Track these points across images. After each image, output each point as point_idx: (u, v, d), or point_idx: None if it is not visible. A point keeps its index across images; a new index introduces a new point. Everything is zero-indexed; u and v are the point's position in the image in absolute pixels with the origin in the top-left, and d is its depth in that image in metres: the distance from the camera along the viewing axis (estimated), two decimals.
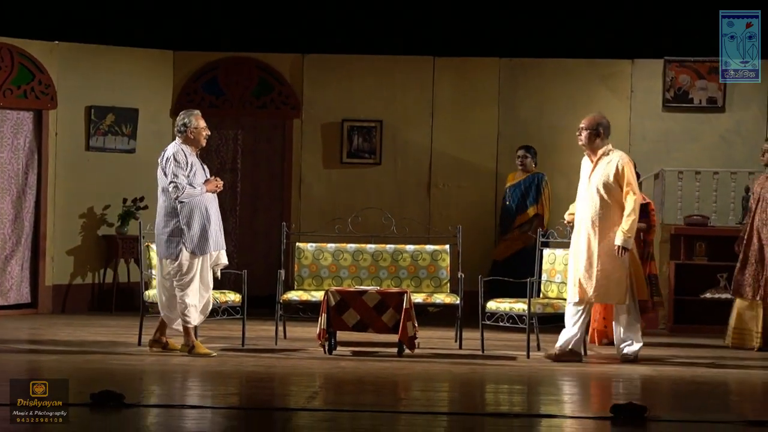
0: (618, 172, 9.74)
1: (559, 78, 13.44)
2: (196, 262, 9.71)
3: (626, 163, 9.81)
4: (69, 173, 12.97)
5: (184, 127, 9.84)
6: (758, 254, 10.77)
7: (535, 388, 8.75)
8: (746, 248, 10.86)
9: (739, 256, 10.90)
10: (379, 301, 9.90)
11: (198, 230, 9.68)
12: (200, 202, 9.74)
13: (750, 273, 10.81)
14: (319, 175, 13.58)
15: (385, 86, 13.57)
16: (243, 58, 13.60)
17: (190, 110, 10.01)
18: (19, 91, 12.61)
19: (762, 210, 10.79)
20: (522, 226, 12.69)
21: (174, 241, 9.70)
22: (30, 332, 11.31)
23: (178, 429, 6.83)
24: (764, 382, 9.29)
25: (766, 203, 10.77)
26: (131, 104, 13.29)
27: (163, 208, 9.79)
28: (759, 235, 10.78)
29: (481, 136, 13.24)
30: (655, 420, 7.15)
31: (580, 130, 9.95)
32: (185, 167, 9.70)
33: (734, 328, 10.90)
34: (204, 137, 9.90)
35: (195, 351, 9.73)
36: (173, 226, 9.71)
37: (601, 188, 9.76)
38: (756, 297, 10.77)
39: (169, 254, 9.73)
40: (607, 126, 9.95)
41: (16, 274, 12.64)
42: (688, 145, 13.21)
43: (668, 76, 13.28)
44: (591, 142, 9.90)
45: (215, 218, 9.82)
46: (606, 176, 9.77)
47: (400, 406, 7.97)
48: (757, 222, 10.82)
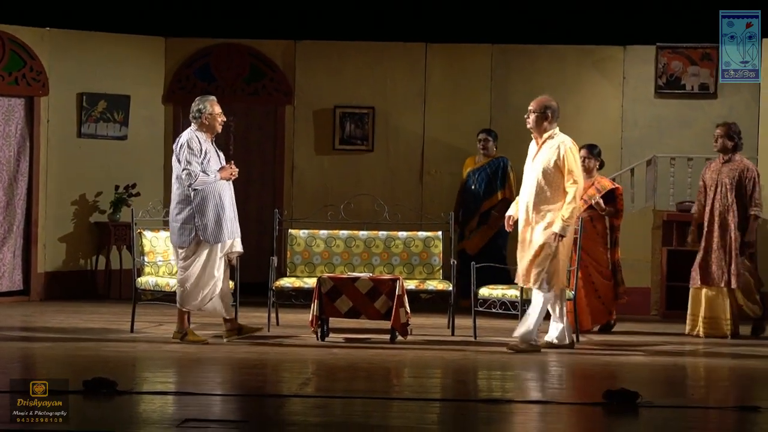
0: (560, 157, 9.53)
1: (551, 64, 13.43)
2: (207, 249, 9.69)
3: (569, 149, 9.57)
4: (61, 160, 12.95)
5: (198, 113, 9.79)
6: (720, 240, 10.67)
7: (528, 375, 8.76)
8: (708, 235, 10.72)
9: (701, 244, 10.76)
10: (372, 287, 9.90)
11: (212, 218, 9.63)
12: (214, 189, 9.68)
13: (714, 260, 10.70)
14: (311, 162, 13.57)
15: (377, 73, 13.55)
16: (235, 45, 13.58)
17: (206, 96, 9.93)
18: (10, 77, 12.58)
19: (722, 195, 10.69)
20: (489, 210, 12.53)
21: (187, 229, 9.66)
22: (22, 319, 11.30)
23: (171, 416, 6.83)
24: (755, 367, 9.31)
25: (725, 188, 10.67)
26: (123, 91, 13.27)
27: (176, 196, 9.75)
28: (721, 221, 10.69)
29: (474, 123, 13.21)
30: (648, 406, 7.17)
31: (529, 113, 9.73)
32: (199, 154, 9.65)
33: (705, 318, 10.73)
34: (219, 123, 9.83)
35: (187, 338, 9.73)
36: (186, 213, 9.66)
37: (540, 173, 9.55)
38: (722, 284, 10.67)
39: (182, 242, 9.69)
40: (556, 109, 9.72)
41: (8, 262, 12.63)
42: (680, 131, 13.22)
43: (660, 63, 13.28)
44: (538, 125, 9.67)
45: (229, 206, 9.75)
46: (548, 161, 9.55)
47: (392, 392, 7.98)
48: (717, 207, 10.70)
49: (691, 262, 10.86)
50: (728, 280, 10.66)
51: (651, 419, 6.95)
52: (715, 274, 10.71)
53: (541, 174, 9.56)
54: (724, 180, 10.72)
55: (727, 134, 10.77)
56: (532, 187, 9.61)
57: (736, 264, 10.64)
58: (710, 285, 10.74)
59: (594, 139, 11.74)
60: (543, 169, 9.56)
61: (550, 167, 9.55)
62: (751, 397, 7.98)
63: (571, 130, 11.98)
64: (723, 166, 10.79)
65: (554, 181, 9.54)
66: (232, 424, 6.47)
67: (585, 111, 13.29)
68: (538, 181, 9.57)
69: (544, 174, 9.55)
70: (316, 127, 13.58)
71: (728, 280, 10.66)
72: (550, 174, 9.55)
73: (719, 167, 10.80)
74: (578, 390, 8.46)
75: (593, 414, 7.13)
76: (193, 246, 9.67)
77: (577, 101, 13.34)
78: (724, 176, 10.73)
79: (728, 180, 10.70)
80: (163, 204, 12.64)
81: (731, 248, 10.65)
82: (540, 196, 9.56)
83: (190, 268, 9.68)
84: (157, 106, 13.50)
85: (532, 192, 9.59)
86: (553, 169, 9.54)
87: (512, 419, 6.94)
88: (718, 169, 10.80)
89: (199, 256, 9.67)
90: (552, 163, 9.54)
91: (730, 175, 10.71)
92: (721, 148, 10.79)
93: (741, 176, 10.69)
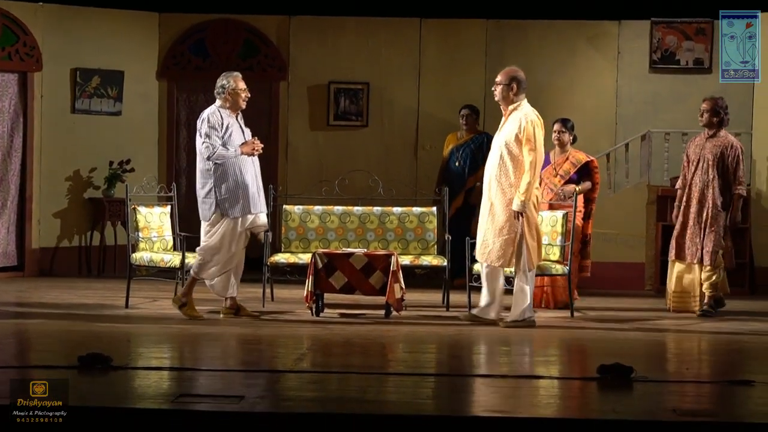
0: (521, 130, 9.43)
1: (545, 39, 13.41)
2: (227, 222, 9.69)
3: (531, 120, 9.45)
4: (55, 136, 12.93)
5: (221, 89, 9.82)
6: (696, 216, 10.53)
7: (522, 349, 8.78)
8: (685, 210, 10.59)
9: (678, 218, 10.64)
10: (367, 263, 9.91)
11: (231, 192, 9.65)
12: (234, 164, 9.69)
13: (689, 235, 10.57)
14: (305, 138, 13.56)
15: (371, 48, 13.53)
16: (229, 20, 13.54)
17: (230, 72, 9.96)
18: (3, 53, 12.54)
19: (703, 171, 10.51)
20: (475, 186, 12.39)
21: (208, 203, 9.71)
22: (17, 295, 11.30)
23: (166, 391, 6.84)
24: (748, 341, 9.33)
25: (707, 163, 10.49)
26: (117, 66, 13.24)
27: (199, 171, 9.79)
28: (699, 196, 10.54)
29: (468, 99, 13.18)
30: (642, 380, 7.18)
31: (495, 85, 9.68)
32: (220, 129, 9.67)
33: (674, 292, 10.66)
34: (243, 99, 9.85)
35: (185, 309, 9.74)
36: (208, 187, 9.70)
37: (503, 146, 9.48)
38: (693, 260, 10.55)
39: (205, 215, 9.77)
40: (521, 80, 9.61)
41: (2, 237, 12.62)
42: (674, 106, 13.21)
43: (655, 38, 13.26)
44: (504, 97, 9.60)
45: (251, 181, 9.74)
46: (510, 134, 9.49)
47: (387, 367, 7.99)
48: (698, 183, 10.54)
49: None
50: (701, 257, 10.51)
51: (645, 393, 6.96)
52: (688, 249, 10.58)
53: (504, 147, 9.49)
54: (707, 155, 10.53)
55: (713, 109, 10.56)
56: (495, 160, 9.55)
57: (710, 241, 10.46)
58: (683, 260, 10.63)
59: (589, 114, 11.77)
60: (506, 141, 9.49)
61: (512, 140, 9.47)
62: (744, 371, 8.00)
63: (565, 105, 12.01)
64: (707, 142, 10.59)
65: (516, 154, 9.45)
66: (227, 399, 6.47)
67: (579, 86, 13.28)
68: (501, 154, 9.50)
69: (506, 147, 9.48)
70: (310, 102, 13.56)
71: (701, 257, 10.51)
72: (512, 147, 9.47)
73: (703, 142, 10.61)
74: (573, 364, 8.48)
75: (587, 388, 7.14)
76: (215, 219, 9.72)
77: (571, 76, 13.33)
78: (707, 152, 10.54)
79: (711, 156, 10.50)
80: (158, 180, 12.64)
81: (707, 225, 10.47)
82: (502, 168, 9.49)
83: (210, 240, 9.72)
84: (152, 81, 13.47)
85: (495, 165, 9.53)
86: (515, 142, 9.45)
87: (507, 393, 6.95)
88: (702, 144, 10.61)
89: (220, 229, 9.71)
90: (514, 136, 9.47)
91: (714, 151, 10.51)
92: (707, 123, 10.60)
93: (724, 153, 10.49)
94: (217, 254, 9.72)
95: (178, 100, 13.66)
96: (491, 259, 9.59)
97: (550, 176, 10.80)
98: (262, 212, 9.88)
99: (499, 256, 9.54)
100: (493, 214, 9.56)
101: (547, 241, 10.32)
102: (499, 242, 9.52)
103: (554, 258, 10.29)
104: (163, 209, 10.65)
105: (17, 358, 7.95)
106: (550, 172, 10.83)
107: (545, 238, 10.31)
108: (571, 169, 10.84)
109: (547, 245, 10.31)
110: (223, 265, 9.76)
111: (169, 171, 13.50)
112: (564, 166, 10.83)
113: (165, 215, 10.63)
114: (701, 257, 10.51)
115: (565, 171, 10.81)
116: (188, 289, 9.82)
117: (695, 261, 10.55)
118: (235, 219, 9.70)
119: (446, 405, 6.72)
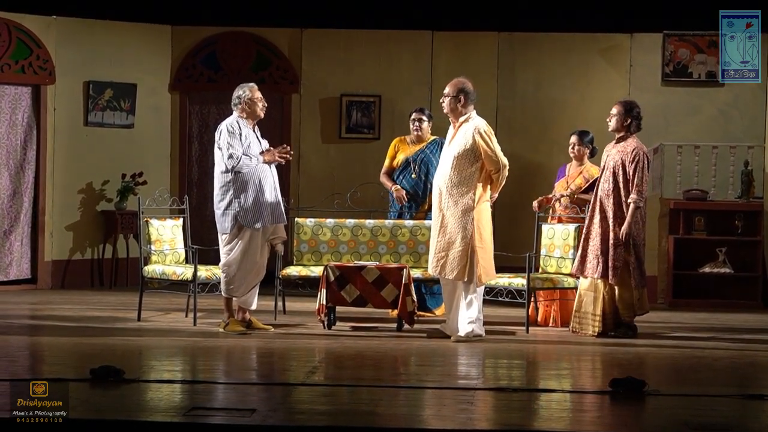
0: (473, 142, 9.41)
1: (557, 52, 13.40)
2: (248, 234, 9.69)
3: (482, 131, 9.42)
4: (67, 148, 12.96)
5: (238, 100, 9.83)
6: (599, 228, 9.77)
7: (535, 363, 8.77)
8: (589, 222, 9.87)
9: (583, 232, 9.94)
10: (379, 276, 9.91)
11: (251, 202, 9.63)
12: (254, 173, 9.68)
13: (591, 249, 9.80)
14: (317, 150, 13.57)
15: (383, 61, 13.54)
16: (241, 33, 13.57)
17: (247, 83, 9.96)
18: (16, 66, 12.59)
19: (605, 179, 9.86)
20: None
21: (228, 214, 9.69)
22: (30, 308, 11.33)
23: (178, 404, 6.84)
24: (760, 356, 9.31)
25: (609, 173, 9.82)
26: (129, 79, 13.28)
27: (218, 184, 9.77)
28: (601, 207, 9.81)
29: (480, 111, 13.07)
30: (655, 394, 7.17)
31: (443, 97, 9.65)
32: (239, 138, 9.68)
33: (575, 312, 9.90)
34: (261, 108, 9.86)
35: (228, 327, 9.72)
36: (228, 199, 9.68)
37: (453, 158, 9.47)
38: (595, 275, 9.75)
39: (224, 228, 9.72)
40: (469, 92, 9.58)
41: (15, 250, 12.66)
42: (687, 119, 13.20)
43: (667, 50, 13.26)
44: (453, 109, 9.57)
45: (270, 191, 9.74)
46: (461, 146, 9.46)
47: (399, 381, 7.98)
48: (600, 193, 9.86)
49: (699, 251, 10.77)
50: (603, 272, 9.73)
51: (658, 407, 6.95)
52: (589, 264, 9.80)
53: (455, 159, 9.47)
54: (609, 163, 9.87)
55: (620, 113, 9.90)
56: (446, 171, 9.52)
57: (613, 255, 9.70)
58: (585, 276, 9.86)
59: (601, 127, 11.71)
60: (456, 153, 9.47)
61: (462, 152, 9.45)
62: (757, 386, 7.98)
63: (577, 118, 12.00)
64: (613, 148, 9.95)
65: (466, 166, 9.44)
66: (240, 412, 6.48)
67: (591, 99, 13.27)
68: (452, 165, 9.48)
69: (457, 159, 9.46)
70: (322, 115, 13.58)
71: (603, 272, 9.73)
72: (462, 159, 9.45)
73: (610, 149, 9.98)
74: (585, 378, 8.46)
75: (600, 402, 7.13)
76: (234, 231, 9.69)
77: (583, 89, 13.32)
78: (611, 159, 9.88)
79: (612, 163, 9.84)
80: (170, 192, 12.66)
81: (608, 237, 9.73)
82: (452, 180, 9.48)
83: (231, 253, 9.71)
84: (164, 94, 13.51)
85: (446, 176, 9.51)
86: (466, 153, 9.44)
87: (519, 407, 6.94)
88: (609, 151, 9.98)
89: (240, 241, 9.70)
90: (463, 148, 9.45)
91: (615, 158, 9.84)
92: (614, 128, 9.95)
93: (624, 160, 9.77)
94: (240, 268, 9.70)
95: (191, 113, 13.69)
96: (445, 271, 9.54)
97: (562, 190, 10.76)
98: (282, 223, 9.89)
99: (452, 268, 9.49)
100: (444, 225, 9.54)
101: (559, 254, 10.31)
102: (451, 255, 9.49)
103: (566, 271, 10.26)
104: (176, 222, 10.67)
105: (30, 371, 7.96)
106: (563, 185, 10.78)
107: (557, 251, 10.30)
108: (583, 183, 10.66)
109: (559, 258, 10.30)
110: (250, 279, 9.74)
111: (182, 183, 13.53)
112: (576, 180, 10.74)
113: (177, 228, 10.64)
114: (604, 272, 9.74)
115: (576, 185, 10.70)
116: (226, 308, 9.81)
117: (597, 276, 9.77)
118: (256, 230, 9.70)
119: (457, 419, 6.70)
